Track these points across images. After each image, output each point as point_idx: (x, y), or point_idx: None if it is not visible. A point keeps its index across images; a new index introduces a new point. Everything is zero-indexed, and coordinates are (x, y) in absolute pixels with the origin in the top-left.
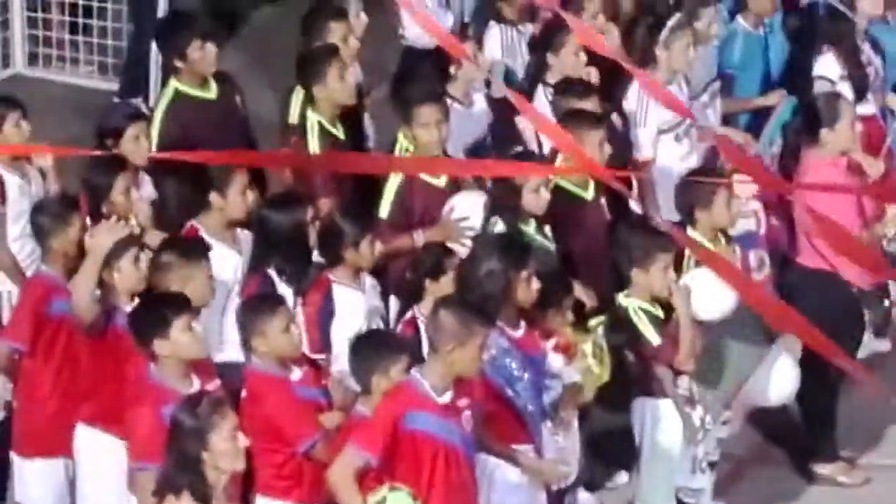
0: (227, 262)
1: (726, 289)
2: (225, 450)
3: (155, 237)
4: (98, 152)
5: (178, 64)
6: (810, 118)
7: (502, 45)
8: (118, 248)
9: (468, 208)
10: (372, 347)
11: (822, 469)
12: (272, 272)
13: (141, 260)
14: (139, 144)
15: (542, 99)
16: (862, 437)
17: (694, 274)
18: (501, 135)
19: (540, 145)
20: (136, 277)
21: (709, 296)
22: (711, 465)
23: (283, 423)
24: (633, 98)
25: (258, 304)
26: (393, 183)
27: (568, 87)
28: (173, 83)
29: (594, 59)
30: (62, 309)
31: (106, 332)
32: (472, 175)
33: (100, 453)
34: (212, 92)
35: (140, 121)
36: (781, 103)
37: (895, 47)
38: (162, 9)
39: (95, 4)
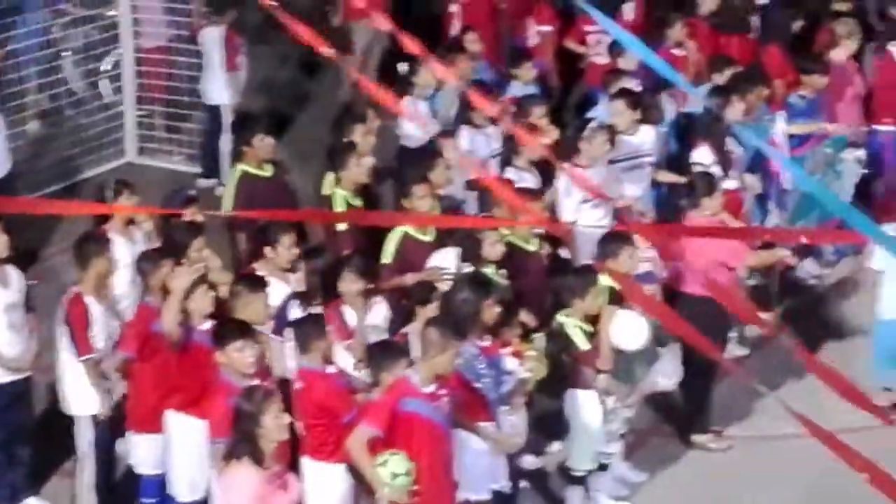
0: (278, 292)
1: (641, 329)
2: (273, 426)
3: (219, 276)
4: (182, 218)
5: (245, 149)
6: (692, 190)
7: (471, 142)
8: (193, 285)
9: (445, 259)
10: (382, 353)
11: (697, 438)
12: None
13: (208, 293)
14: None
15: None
16: (726, 415)
17: (617, 315)
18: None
19: None
20: (206, 305)
21: (628, 333)
22: (621, 436)
23: (332, 402)
24: (562, 179)
25: (314, 323)
26: (392, 239)
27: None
28: (240, 166)
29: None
30: (160, 328)
31: (188, 345)
32: (451, 227)
33: (184, 431)
34: (268, 171)
35: (193, 204)
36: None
37: (749, 141)
38: (226, 117)
39: (184, 112)
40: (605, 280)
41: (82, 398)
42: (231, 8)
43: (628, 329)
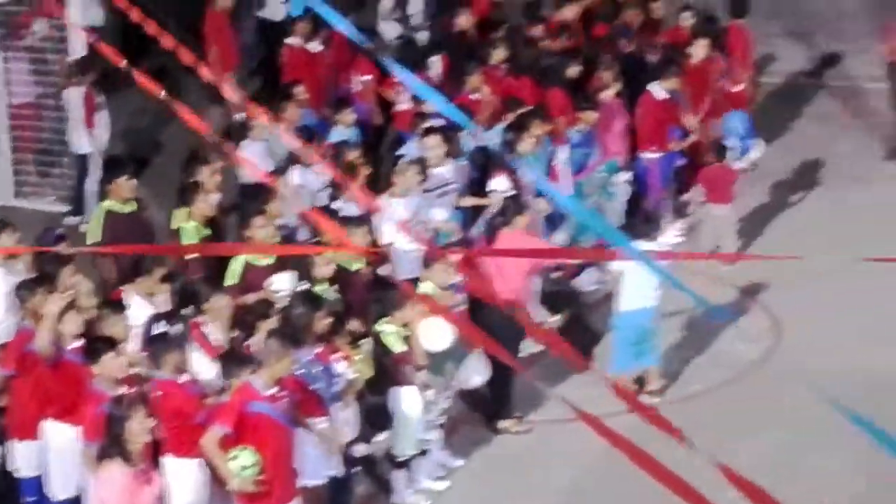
0: (143, 311)
1: (445, 332)
2: (139, 429)
3: (86, 300)
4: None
5: (111, 187)
6: (504, 211)
7: (302, 177)
8: (63, 310)
9: (282, 281)
10: (231, 362)
11: (502, 424)
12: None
13: (77, 316)
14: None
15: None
16: (527, 403)
17: (425, 321)
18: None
19: None
20: (75, 327)
21: (434, 336)
22: (440, 425)
23: (185, 407)
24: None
25: (165, 340)
26: (236, 265)
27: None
28: (105, 203)
29: None
30: (35, 347)
31: (60, 362)
32: (287, 254)
33: (59, 437)
34: (130, 207)
35: (64, 240)
36: None
37: (531, 174)
38: (92, 164)
39: (54, 159)
40: (422, 289)
41: None
42: (91, 70)
43: (434, 333)
